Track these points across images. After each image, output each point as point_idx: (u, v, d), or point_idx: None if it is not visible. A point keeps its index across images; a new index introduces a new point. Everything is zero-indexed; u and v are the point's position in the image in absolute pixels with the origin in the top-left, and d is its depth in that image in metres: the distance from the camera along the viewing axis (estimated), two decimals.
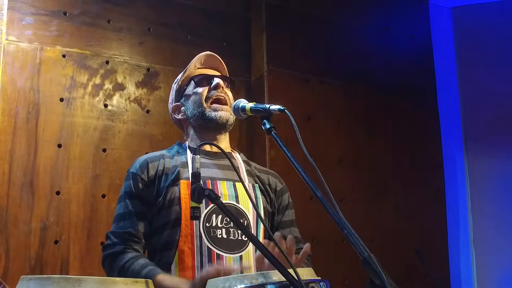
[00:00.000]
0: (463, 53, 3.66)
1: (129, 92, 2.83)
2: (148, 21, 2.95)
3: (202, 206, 1.67)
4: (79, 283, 1.10)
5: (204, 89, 1.87)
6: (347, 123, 3.22)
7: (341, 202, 3.00)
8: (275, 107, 1.51)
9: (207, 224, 1.68)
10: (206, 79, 1.90)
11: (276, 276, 1.23)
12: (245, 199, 1.76)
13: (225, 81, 1.91)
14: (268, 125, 1.50)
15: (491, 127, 3.54)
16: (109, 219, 2.53)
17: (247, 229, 1.69)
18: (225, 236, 1.69)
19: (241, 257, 1.68)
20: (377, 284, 1.10)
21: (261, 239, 1.77)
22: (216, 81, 1.87)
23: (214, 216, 1.70)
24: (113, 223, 1.78)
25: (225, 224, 1.70)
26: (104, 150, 2.70)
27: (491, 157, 3.51)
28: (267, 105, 1.53)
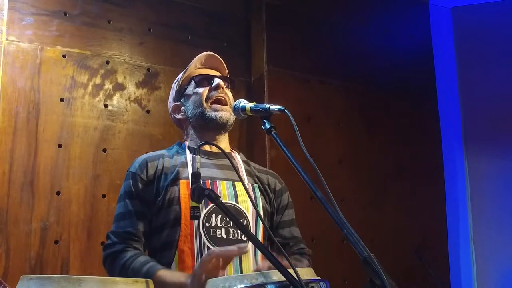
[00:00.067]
0: (463, 53, 3.66)
1: (129, 92, 2.83)
2: (148, 21, 2.95)
3: (202, 206, 1.67)
4: (79, 283, 1.10)
5: (205, 90, 1.87)
6: (347, 123, 3.22)
7: (341, 202, 3.00)
8: (275, 107, 1.50)
9: (206, 224, 1.68)
10: (206, 79, 1.90)
11: (276, 276, 1.23)
12: (245, 199, 1.76)
13: (225, 81, 1.91)
14: (268, 125, 1.49)
15: (491, 127, 3.53)
16: (109, 219, 2.53)
17: (247, 229, 1.69)
18: (224, 236, 1.69)
19: (240, 257, 1.68)
20: (377, 284, 1.10)
21: (260, 238, 1.77)
22: (217, 81, 1.87)
23: (213, 216, 1.70)
24: (113, 223, 1.78)
25: (224, 224, 1.70)
26: (104, 150, 2.70)
27: (491, 157, 3.51)
28: (267, 105, 1.53)
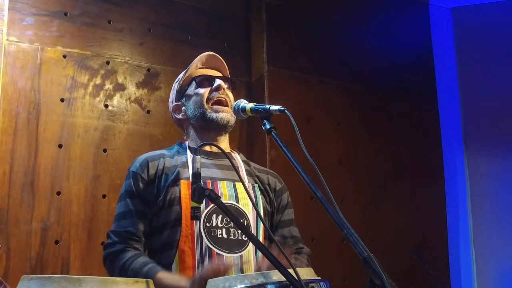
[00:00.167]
0: (463, 54, 3.66)
1: (129, 93, 2.83)
2: (148, 22, 2.96)
3: (202, 206, 1.67)
4: (79, 283, 1.10)
5: (206, 90, 1.87)
6: (347, 123, 3.22)
7: (341, 202, 3.00)
8: (275, 107, 1.50)
9: (207, 224, 1.68)
10: (207, 80, 1.89)
11: (276, 276, 1.23)
12: (245, 199, 1.76)
13: (226, 82, 1.91)
14: (268, 125, 1.49)
15: (491, 127, 3.54)
16: (109, 219, 2.53)
17: (247, 229, 1.69)
18: (225, 236, 1.69)
19: (241, 256, 1.69)
20: (377, 284, 1.10)
21: (261, 238, 1.77)
22: (218, 82, 1.87)
23: (214, 216, 1.70)
24: (113, 222, 1.78)
25: (225, 224, 1.70)
26: (105, 151, 2.70)
27: (491, 157, 3.51)
28: (267, 106, 1.53)
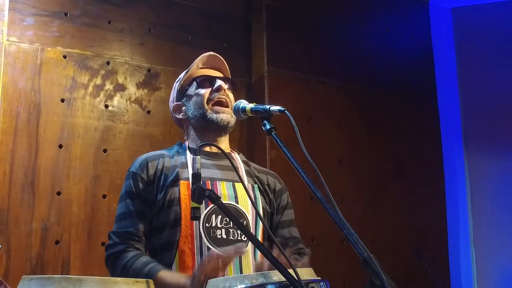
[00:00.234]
0: (463, 54, 3.66)
1: (129, 93, 2.84)
2: (148, 22, 2.96)
3: (202, 207, 1.67)
4: (80, 283, 1.10)
5: (206, 91, 1.86)
6: (347, 124, 3.22)
7: (341, 203, 3.00)
8: (275, 108, 1.50)
9: (207, 224, 1.69)
10: (208, 81, 1.89)
11: (276, 276, 1.23)
12: (245, 199, 1.77)
13: (227, 82, 1.90)
14: (268, 126, 1.49)
15: (491, 127, 3.54)
16: (109, 220, 2.53)
17: (247, 229, 1.70)
18: (224, 236, 1.69)
19: (240, 257, 1.69)
20: (377, 284, 1.11)
21: (260, 239, 1.78)
22: (218, 83, 1.86)
23: (213, 216, 1.70)
24: (114, 223, 1.79)
25: (224, 224, 1.70)
26: (105, 151, 2.70)
27: (491, 157, 3.51)
28: (267, 106, 1.53)
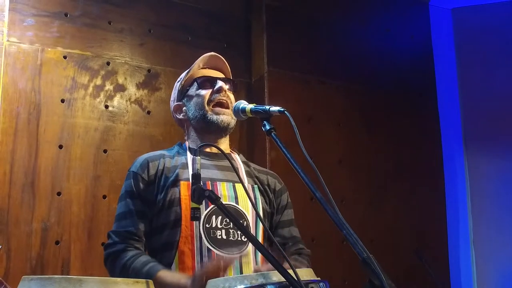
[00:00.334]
0: (463, 54, 3.66)
1: (129, 93, 2.84)
2: (148, 22, 2.96)
3: (202, 207, 1.67)
4: (80, 283, 1.10)
5: (207, 92, 1.86)
6: (347, 124, 3.22)
7: (341, 203, 3.00)
8: (275, 108, 1.50)
9: (207, 225, 1.69)
10: (209, 81, 1.89)
11: (276, 277, 1.23)
12: (244, 200, 1.77)
13: (227, 83, 1.90)
14: (268, 126, 1.49)
15: (491, 127, 3.54)
16: (109, 220, 2.53)
17: (247, 230, 1.70)
18: (224, 237, 1.69)
19: (240, 257, 1.69)
20: (376, 284, 1.11)
21: (260, 239, 1.78)
22: (219, 84, 1.86)
23: (214, 217, 1.70)
24: (114, 223, 1.79)
25: (224, 225, 1.71)
26: (105, 151, 2.71)
27: (491, 157, 3.52)
28: (267, 107, 1.53)
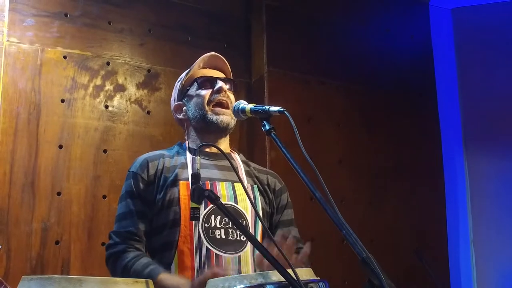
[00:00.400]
0: (463, 54, 3.66)
1: (129, 93, 2.84)
2: (148, 23, 2.96)
3: (201, 207, 1.68)
4: (80, 283, 1.11)
5: (207, 92, 1.86)
6: (347, 124, 3.22)
7: (341, 203, 3.00)
8: (274, 108, 1.50)
9: (206, 224, 1.69)
10: (209, 81, 1.88)
11: (275, 276, 1.23)
12: (244, 200, 1.77)
13: (227, 83, 1.90)
14: (267, 126, 1.49)
15: (491, 127, 3.54)
16: (110, 220, 2.54)
17: (246, 229, 1.70)
18: (223, 237, 1.70)
19: (239, 257, 1.69)
20: (376, 284, 1.11)
21: (259, 239, 1.78)
22: (219, 84, 1.86)
23: (213, 216, 1.71)
24: (115, 223, 1.79)
25: (224, 224, 1.71)
26: (105, 151, 2.71)
27: (491, 157, 3.51)
28: (266, 107, 1.53)
